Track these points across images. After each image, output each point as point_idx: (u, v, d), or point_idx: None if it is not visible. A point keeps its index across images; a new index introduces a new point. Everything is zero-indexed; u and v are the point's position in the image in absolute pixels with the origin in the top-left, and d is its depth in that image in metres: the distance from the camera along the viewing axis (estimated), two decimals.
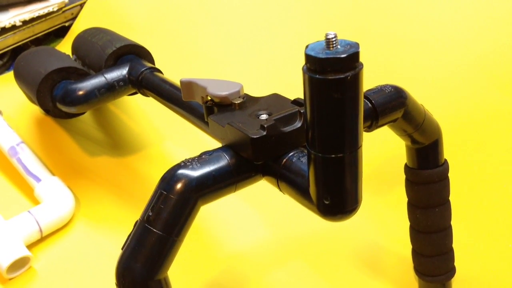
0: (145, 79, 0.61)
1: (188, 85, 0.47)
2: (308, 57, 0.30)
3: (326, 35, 0.30)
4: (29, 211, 0.64)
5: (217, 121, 0.41)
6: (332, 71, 0.30)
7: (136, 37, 0.75)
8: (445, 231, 0.55)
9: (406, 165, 0.55)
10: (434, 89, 0.74)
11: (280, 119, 0.38)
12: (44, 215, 0.65)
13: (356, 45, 0.31)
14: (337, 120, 0.31)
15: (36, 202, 0.69)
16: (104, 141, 0.81)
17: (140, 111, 0.85)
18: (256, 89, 0.52)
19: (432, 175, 0.53)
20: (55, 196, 0.67)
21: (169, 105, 0.57)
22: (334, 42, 0.30)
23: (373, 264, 0.63)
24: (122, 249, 0.38)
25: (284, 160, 0.39)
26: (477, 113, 0.70)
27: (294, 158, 0.38)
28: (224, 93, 0.43)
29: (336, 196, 0.34)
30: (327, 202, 0.34)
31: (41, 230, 0.64)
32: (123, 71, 0.63)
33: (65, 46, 0.98)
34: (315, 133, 0.32)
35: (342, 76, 0.30)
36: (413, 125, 0.50)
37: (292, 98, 0.44)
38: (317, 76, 0.30)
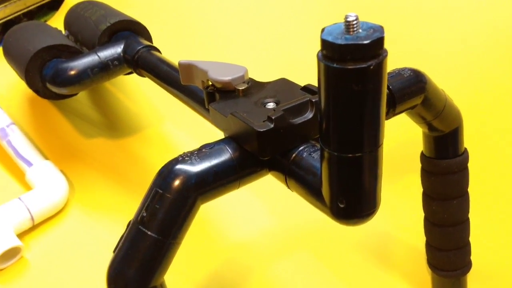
0: (142, 58, 0.57)
1: (188, 68, 0.43)
2: (325, 43, 0.26)
3: (346, 17, 0.26)
4: (19, 198, 0.61)
5: (219, 110, 0.37)
6: (353, 59, 0.26)
7: (133, 12, 0.71)
8: (463, 225, 0.52)
9: (422, 154, 0.52)
10: (452, 71, 0.69)
11: (289, 110, 0.34)
12: (36, 202, 0.61)
13: (381, 29, 0.26)
14: (356, 115, 0.27)
15: (27, 187, 0.66)
16: (100, 122, 0.77)
17: (139, 90, 0.81)
18: (262, 72, 0.48)
19: (451, 165, 0.50)
20: (47, 181, 0.64)
21: (167, 88, 0.52)
22: (355, 25, 0.26)
23: (383, 255, 0.60)
24: (114, 252, 0.35)
25: (294, 155, 0.35)
26: (501, 97, 0.66)
27: (305, 153, 0.34)
28: (226, 78, 0.39)
29: (352, 200, 0.30)
30: (342, 206, 0.30)
31: (32, 218, 0.61)
32: (117, 49, 0.58)
33: (58, 19, 0.93)
34: (331, 130, 0.28)
35: (364, 65, 0.26)
36: (433, 112, 0.46)
37: (301, 83, 0.40)
38: (335, 65, 0.26)
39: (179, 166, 0.34)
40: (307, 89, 0.38)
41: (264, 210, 0.66)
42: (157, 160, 0.74)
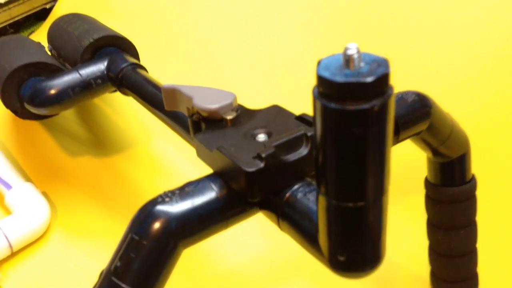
0: (126, 77, 0.53)
1: (171, 92, 0.39)
2: (321, 80, 0.22)
3: (346, 49, 0.22)
4: None
5: (204, 142, 0.33)
6: (353, 99, 0.22)
7: (121, 26, 0.67)
8: (470, 255, 0.49)
9: (426, 180, 0.48)
10: (455, 90, 0.65)
11: (281, 145, 0.31)
12: (15, 228, 0.58)
13: (385, 62, 0.23)
14: (358, 161, 0.24)
15: (7, 212, 0.62)
16: (86, 139, 0.74)
17: (127, 105, 0.77)
18: (254, 95, 0.44)
19: (458, 194, 0.46)
20: (27, 205, 0.60)
21: (152, 110, 0.49)
22: (356, 58, 0.22)
23: (384, 283, 0.57)
24: None
25: (287, 195, 0.31)
26: (510, 118, 0.62)
27: (299, 194, 0.31)
28: (213, 106, 0.35)
29: (353, 253, 0.27)
30: (342, 259, 0.27)
31: (11, 246, 0.57)
32: (101, 67, 0.55)
33: (44, 31, 0.89)
34: (328, 176, 0.25)
35: (366, 106, 0.22)
36: (438, 138, 0.43)
37: (295, 107, 0.37)
38: (333, 105, 0.22)
39: (158, 208, 0.31)
40: (302, 119, 0.34)
41: (259, 234, 0.62)
42: (147, 181, 0.71)
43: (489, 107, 0.63)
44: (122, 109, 0.77)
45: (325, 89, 0.23)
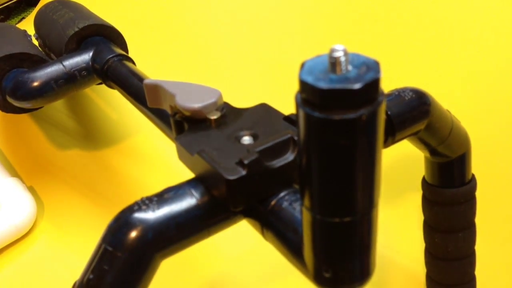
0: (111, 69, 0.51)
1: (154, 89, 0.37)
2: (304, 85, 0.20)
3: (331, 50, 0.20)
4: None
5: (185, 145, 0.31)
6: (339, 107, 0.20)
7: (112, 15, 0.64)
8: (468, 258, 0.47)
9: (424, 180, 0.46)
10: (455, 85, 0.63)
11: (266, 150, 0.29)
12: None
13: (376, 65, 0.20)
14: (345, 175, 0.21)
15: None
16: (76, 131, 0.72)
17: (119, 96, 0.74)
18: (245, 91, 0.42)
19: (456, 195, 0.44)
20: (11, 201, 0.58)
21: (137, 105, 0.47)
22: (342, 61, 0.20)
23: (378, 281, 0.55)
24: None
25: (272, 203, 0.29)
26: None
27: (285, 203, 0.29)
28: (196, 105, 0.33)
29: (340, 270, 0.25)
30: (327, 275, 0.25)
31: None
32: (85, 58, 0.52)
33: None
34: (312, 189, 0.23)
35: (353, 115, 0.20)
36: (437, 138, 0.41)
37: (288, 104, 0.34)
38: (317, 114, 0.20)
39: (134, 217, 0.29)
40: (290, 120, 0.32)
41: (251, 231, 0.60)
42: (139, 176, 0.69)
43: (491, 103, 0.60)
44: (114, 100, 0.75)
45: (308, 95, 0.20)
